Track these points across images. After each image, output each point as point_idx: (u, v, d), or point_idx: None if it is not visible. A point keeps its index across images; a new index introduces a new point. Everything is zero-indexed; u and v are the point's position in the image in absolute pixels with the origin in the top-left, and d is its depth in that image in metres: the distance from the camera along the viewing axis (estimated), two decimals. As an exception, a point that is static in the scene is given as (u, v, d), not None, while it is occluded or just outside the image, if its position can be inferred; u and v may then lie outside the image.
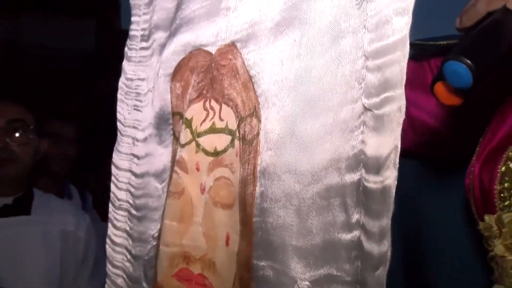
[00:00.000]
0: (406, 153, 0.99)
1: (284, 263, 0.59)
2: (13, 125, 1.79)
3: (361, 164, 0.52)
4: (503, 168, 0.81)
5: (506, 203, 0.80)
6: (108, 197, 0.88)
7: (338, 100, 0.54)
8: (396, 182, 0.49)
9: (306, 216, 0.57)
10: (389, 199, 0.49)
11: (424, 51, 0.97)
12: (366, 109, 0.51)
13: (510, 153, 0.81)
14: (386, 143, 0.50)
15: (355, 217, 0.53)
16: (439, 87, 0.67)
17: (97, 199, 2.72)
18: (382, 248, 0.50)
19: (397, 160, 0.50)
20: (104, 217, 2.43)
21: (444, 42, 0.89)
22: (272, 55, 0.62)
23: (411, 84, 0.94)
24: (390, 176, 0.49)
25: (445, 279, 1.03)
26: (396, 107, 0.49)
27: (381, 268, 0.50)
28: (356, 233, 0.53)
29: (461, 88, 0.63)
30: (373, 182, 0.51)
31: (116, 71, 0.89)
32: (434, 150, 1.01)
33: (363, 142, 0.52)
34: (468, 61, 0.61)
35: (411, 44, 0.88)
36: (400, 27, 0.49)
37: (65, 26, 5.40)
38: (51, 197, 2.03)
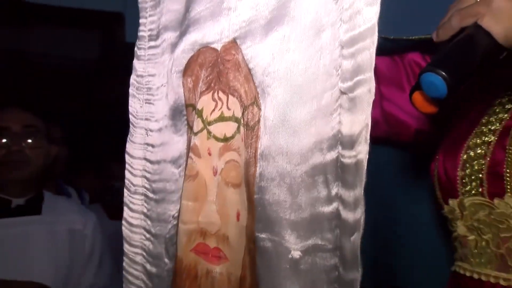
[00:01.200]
0: (380, 141, 1.02)
1: (280, 235, 0.62)
2: (27, 131, 1.83)
3: (338, 142, 0.55)
4: (465, 156, 0.84)
5: (467, 188, 0.82)
6: (110, 194, 0.90)
7: (321, 88, 0.57)
8: (367, 156, 0.52)
9: (296, 193, 0.60)
10: (362, 171, 0.52)
11: (398, 46, 0.97)
12: (342, 92, 0.54)
13: (471, 142, 0.84)
14: (358, 122, 0.52)
15: (334, 190, 0.56)
16: (417, 97, 0.68)
17: (94, 197, 2.71)
18: (356, 215, 0.53)
19: (368, 136, 0.52)
20: (110, 214, 2.44)
21: (416, 37, 0.89)
22: (264, 50, 0.65)
23: (386, 81, 0.97)
24: (362, 151, 0.52)
25: (415, 256, 1.05)
26: (366, 89, 0.52)
27: (356, 234, 0.53)
28: (335, 204, 0.56)
29: (437, 98, 0.65)
30: (348, 157, 0.54)
31: (118, 79, 0.90)
32: (404, 140, 1.03)
33: (340, 122, 0.55)
34: (443, 73, 0.62)
35: (388, 40, 0.91)
36: (370, 17, 0.52)
37: (72, 37, 5.34)
38: (59, 198, 2.07)
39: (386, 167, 1.08)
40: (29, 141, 1.83)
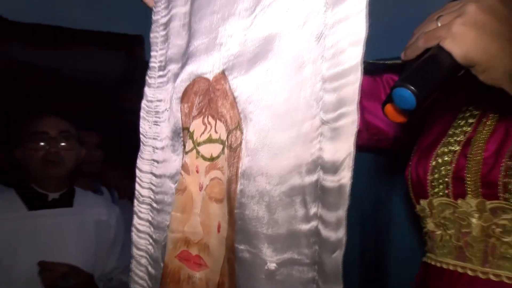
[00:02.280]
0: (361, 149, 1.02)
1: (257, 247, 0.59)
2: (62, 135, 1.85)
3: (319, 167, 0.51)
4: (434, 162, 0.83)
5: (436, 190, 0.82)
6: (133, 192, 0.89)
7: (301, 117, 0.54)
8: (351, 181, 0.48)
9: (274, 210, 0.57)
10: (345, 195, 0.48)
11: (377, 68, 0.98)
12: (324, 123, 0.51)
13: (439, 151, 0.83)
14: (343, 150, 0.49)
15: (312, 210, 0.52)
16: (389, 108, 0.68)
17: (123, 194, 2.72)
18: (339, 234, 0.49)
19: (352, 163, 0.49)
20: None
21: (391, 62, 0.89)
22: (248, 81, 0.62)
23: (367, 96, 0.97)
24: (346, 176, 0.48)
25: (393, 248, 1.05)
26: (350, 121, 0.49)
27: (338, 251, 0.49)
28: (314, 223, 0.52)
29: (406, 110, 0.64)
30: (330, 181, 0.50)
31: (139, 92, 0.89)
32: (384, 146, 1.02)
33: (320, 149, 0.51)
34: (412, 88, 0.61)
35: (368, 63, 0.91)
36: (354, 56, 0.48)
37: (99, 56, 5.36)
38: (88, 193, 2.07)
39: (370, 172, 1.07)
40: (63, 144, 1.86)
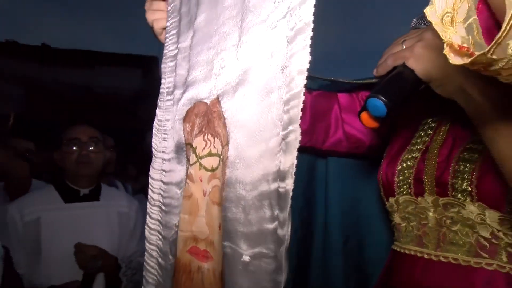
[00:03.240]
0: (342, 155, 1.02)
1: (236, 243, 0.60)
2: (91, 140, 1.85)
3: (278, 176, 0.52)
4: (399, 167, 0.83)
5: (401, 190, 0.82)
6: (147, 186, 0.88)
7: (269, 135, 0.53)
8: (292, 188, 0.49)
9: (248, 212, 0.57)
10: (288, 198, 0.49)
11: (354, 87, 0.98)
12: (282, 138, 0.51)
13: (404, 157, 0.83)
14: (289, 161, 0.49)
15: (275, 212, 0.52)
16: (364, 116, 0.67)
17: (138, 189, 2.72)
18: (283, 231, 0.50)
19: (293, 172, 0.48)
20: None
21: (363, 81, 0.89)
22: (232, 105, 0.62)
23: (346, 110, 0.97)
24: (289, 183, 0.49)
25: (369, 236, 1.05)
26: (294, 137, 0.48)
27: (283, 246, 0.50)
28: (276, 223, 0.52)
29: (378, 117, 0.64)
30: (282, 187, 0.50)
31: (153, 104, 0.88)
32: (361, 153, 1.01)
33: (280, 161, 0.51)
34: (383, 98, 0.62)
35: (345, 82, 0.90)
36: (299, 83, 0.48)
37: (121, 74, 5.37)
38: (112, 189, 2.08)
39: (349, 174, 1.08)
40: (92, 148, 1.86)
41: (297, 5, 0.48)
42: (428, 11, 0.46)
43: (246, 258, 0.57)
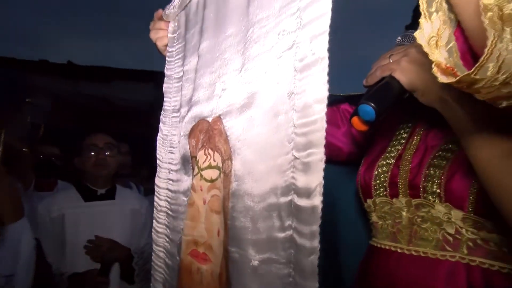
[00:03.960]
0: (325, 162, 0.99)
1: (244, 249, 0.56)
2: (107, 146, 1.84)
3: (292, 191, 0.48)
4: (376, 172, 0.82)
5: (378, 192, 0.81)
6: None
7: (276, 153, 0.51)
8: (321, 204, 0.45)
9: (256, 222, 0.54)
10: (318, 214, 0.45)
11: (335, 100, 0.97)
12: (296, 158, 0.48)
13: (380, 163, 0.82)
14: (314, 180, 0.45)
15: (287, 222, 0.49)
16: (355, 120, 0.66)
17: (149, 190, 2.70)
18: (313, 243, 0.46)
19: (321, 190, 0.45)
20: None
21: (345, 94, 0.88)
22: (238, 124, 0.60)
23: (328, 122, 0.95)
24: (317, 200, 0.45)
25: (349, 235, 1.03)
26: (318, 158, 0.45)
27: (313, 256, 0.46)
28: (288, 232, 0.49)
29: (368, 121, 0.63)
30: (304, 202, 0.46)
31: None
32: (340, 159, 0.99)
33: (293, 178, 0.48)
34: (373, 104, 0.62)
35: (331, 95, 0.89)
36: (319, 110, 0.45)
37: (135, 87, 5.37)
38: (126, 189, 2.06)
39: (331, 178, 1.06)
40: (108, 152, 1.84)
41: (307, 39, 0.46)
42: (417, 34, 0.46)
43: (255, 262, 0.54)
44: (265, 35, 0.53)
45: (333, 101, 0.97)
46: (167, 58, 0.90)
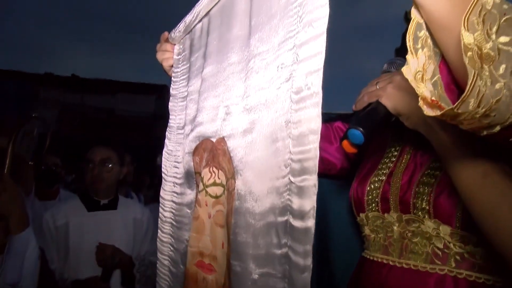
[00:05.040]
0: (318, 176, 0.99)
1: (246, 263, 0.58)
2: (103, 161, 1.80)
3: (288, 212, 0.49)
4: (368, 187, 0.82)
5: (370, 207, 0.81)
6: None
7: (275, 175, 0.52)
8: (314, 225, 0.46)
9: (256, 238, 0.56)
10: (311, 235, 0.46)
11: (329, 118, 0.99)
12: (291, 182, 0.49)
13: (372, 179, 0.82)
14: (308, 203, 0.47)
15: (283, 240, 0.51)
16: (345, 143, 0.67)
17: (150, 199, 2.69)
18: (306, 262, 0.47)
19: (314, 213, 0.46)
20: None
21: (338, 113, 0.91)
22: (240, 146, 0.62)
23: (322, 138, 0.95)
24: (310, 222, 0.46)
25: (341, 246, 1.03)
26: (312, 183, 0.46)
27: (307, 273, 0.47)
28: (284, 250, 0.50)
29: (357, 144, 0.65)
30: (299, 223, 0.48)
31: (165, 125, 0.89)
32: (334, 174, 1.00)
33: (289, 200, 0.49)
34: (361, 129, 0.63)
35: (323, 114, 0.90)
36: (313, 140, 0.47)
37: (138, 99, 5.37)
38: (128, 199, 2.06)
39: (325, 192, 1.06)
40: (103, 167, 1.80)
41: (303, 74, 0.47)
42: (404, 69, 0.47)
43: (255, 276, 0.56)
44: (265, 67, 0.55)
45: (327, 119, 1.00)
46: (172, 78, 0.91)
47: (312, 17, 0.46)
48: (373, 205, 0.81)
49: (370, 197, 0.82)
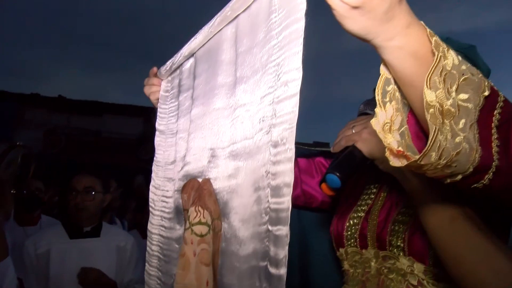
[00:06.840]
0: (300, 208, 1.01)
1: None
2: (86, 190, 1.79)
3: (267, 258, 0.51)
4: (347, 223, 0.84)
5: (349, 242, 0.83)
6: (143, 223, 0.83)
7: (257, 222, 0.53)
8: (286, 273, 0.47)
9: (241, 280, 0.57)
10: (283, 282, 0.47)
11: (310, 154, 1.01)
12: (269, 230, 0.50)
13: (351, 216, 0.84)
14: (281, 253, 0.48)
15: (263, 285, 0.51)
16: (323, 186, 0.70)
17: (132, 224, 2.64)
18: None
19: (286, 261, 0.47)
20: (143, 236, 2.37)
21: (319, 149, 0.92)
22: (224, 190, 0.63)
23: (304, 172, 0.98)
24: (283, 270, 0.47)
25: (321, 278, 1.04)
26: (284, 233, 0.47)
27: None
28: None
29: (334, 188, 0.67)
30: (274, 270, 0.49)
31: (152, 147, 0.89)
32: (315, 206, 1.01)
33: (267, 246, 0.51)
34: (338, 174, 0.66)
35: (304, 149, 0.90)
36: (287, 192, 0.47)
37: (125, 122, 5.31)
38: (111, 226, 2.04)
39: (307, 225, 1.07)
40: (85, 196, 1.79)
41: (280, 129, 0.49)
42: (373, 121, 0.49)
43: None
44: (249, 118, 0.58)
45: (309, 154, 1.02)
46: (158, 114, 0.93)
47: (288, 78, 0.48)
48: (352, 240, 0.82)
49: (349, 232, 0.83)
